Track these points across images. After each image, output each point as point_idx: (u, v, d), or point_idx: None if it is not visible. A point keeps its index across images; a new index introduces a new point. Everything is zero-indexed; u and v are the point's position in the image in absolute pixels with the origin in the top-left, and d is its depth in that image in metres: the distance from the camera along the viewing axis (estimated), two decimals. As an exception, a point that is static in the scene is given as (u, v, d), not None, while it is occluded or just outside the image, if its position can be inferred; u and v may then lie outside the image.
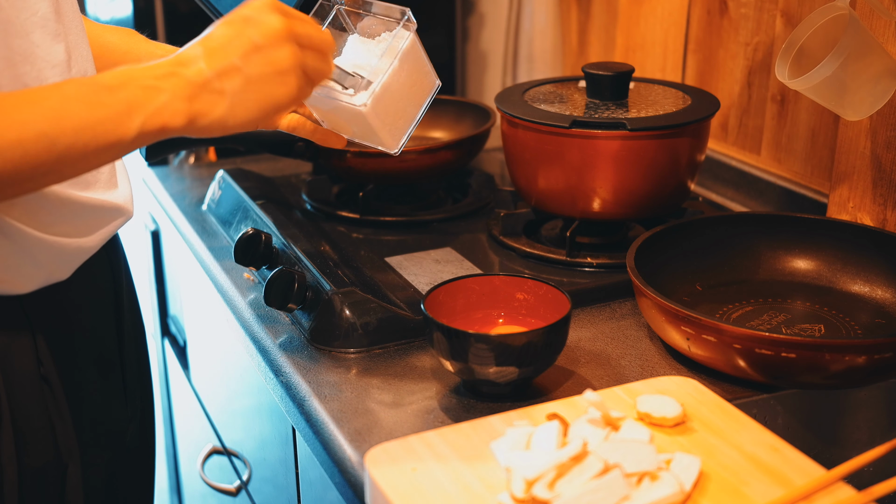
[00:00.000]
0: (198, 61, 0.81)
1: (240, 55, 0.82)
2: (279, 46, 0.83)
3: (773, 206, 1.42)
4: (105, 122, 0.78)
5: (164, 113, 0.80)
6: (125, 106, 0.79)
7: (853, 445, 1.01)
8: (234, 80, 0.82)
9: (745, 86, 1.46)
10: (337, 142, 1.10)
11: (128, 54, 1.11)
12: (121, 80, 0.80)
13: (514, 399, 0.98)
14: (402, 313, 1.09)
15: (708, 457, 0.81)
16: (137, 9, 1.83)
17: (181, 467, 1.87)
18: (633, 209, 1.25)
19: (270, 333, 1.12)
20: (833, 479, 0.78)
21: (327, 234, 1.34)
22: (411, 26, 1.01)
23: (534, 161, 1.25)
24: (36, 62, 0.88)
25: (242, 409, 1.36)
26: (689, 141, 1.23)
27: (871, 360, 0.94)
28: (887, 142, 1.19)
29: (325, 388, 1.01)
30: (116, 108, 0.78)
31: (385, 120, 1.01)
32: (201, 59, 0.82)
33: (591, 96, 1.30)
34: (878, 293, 1.14)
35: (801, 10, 1.34)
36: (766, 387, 0.99)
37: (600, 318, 1.15)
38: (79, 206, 0.94)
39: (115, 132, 0.78)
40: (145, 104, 0.79)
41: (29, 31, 0.88)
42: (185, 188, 1.58)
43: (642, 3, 1.62)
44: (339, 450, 0.93)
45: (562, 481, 0.76)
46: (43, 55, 0.89)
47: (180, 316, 1.69)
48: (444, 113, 1.62)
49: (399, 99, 1.02)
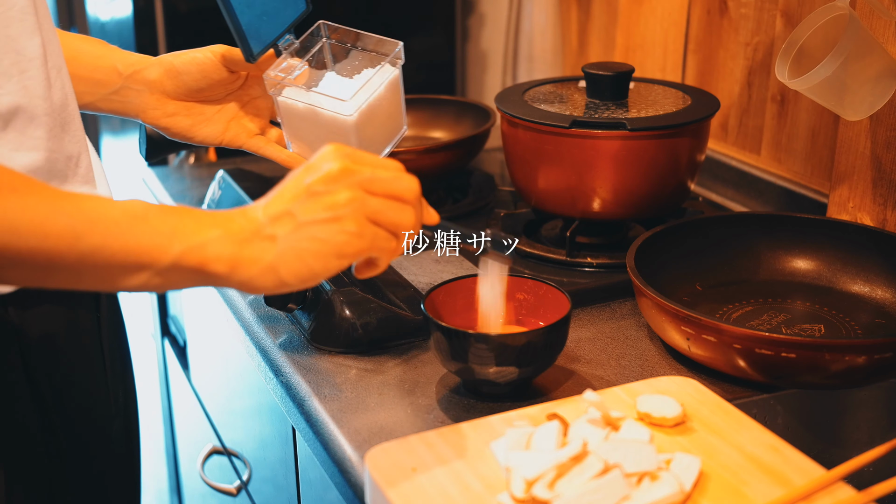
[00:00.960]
0: (255, 210, 0.78)
1: (293, 200, 0.77)
2: (335, 191, 0.77)
3: (773, 206, 1.42)
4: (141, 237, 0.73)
5: (207, 249, 0.75)
6: (169, 228, 0.74)
7: (853, 445, 1.01)
8: (285, 226, 0.76)
9: (745, 86, 1.46)
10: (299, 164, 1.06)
11: (100, 59, 1.09)
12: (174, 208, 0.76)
13: (514, 399, 0.98)
14: (402, 313, 1.09)
15: (708, 457, 0.81)
16: (137, 9, 1.83)
17: (181, 467, 1.87)
18: (633, 209, 1.25)
19: (270, 333, 1.12)
20: (833, 479, 0.78)
21: (327, 234, 1.33)
22: (398, 62, 1.01)
23: (534, 161, 1.25)
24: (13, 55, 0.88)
25: (242, 409, 1.36)
26: (689, 141, 1.23)
27: (871, 360, 0.94)
28: (887, 142, 1.19)
29: (325, 388, 1.01)
30: (160, 229, 0.74)
31: (363, 140, 1.01)
32: (259, 210, 0.77)
33: (591, 96, 1.30)
34: (878, 293, 1.14)
35: (801, 10, 1.34)
36: (766, 387, 0.99)
37: (600, 318, 1.15)
38: None
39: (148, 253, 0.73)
40: (191, 234, 0.74)
41: (6, 24, 0.88)
42: (185, 188, 1.58)
43: (642, 3, 1.62)
44: (339, 450, 0.93)
45: (562, 481, 0.76)
46: (20, 48, 0.89)
47: (180, 316, 1.69)
48: (444, 113, 1.62)
49: (375, 126, 1.02)
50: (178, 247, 0.74)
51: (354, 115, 0.98)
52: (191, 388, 1.65)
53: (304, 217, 0.76)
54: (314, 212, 0.77)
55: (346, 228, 0.77)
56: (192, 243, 0.74)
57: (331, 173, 0.77)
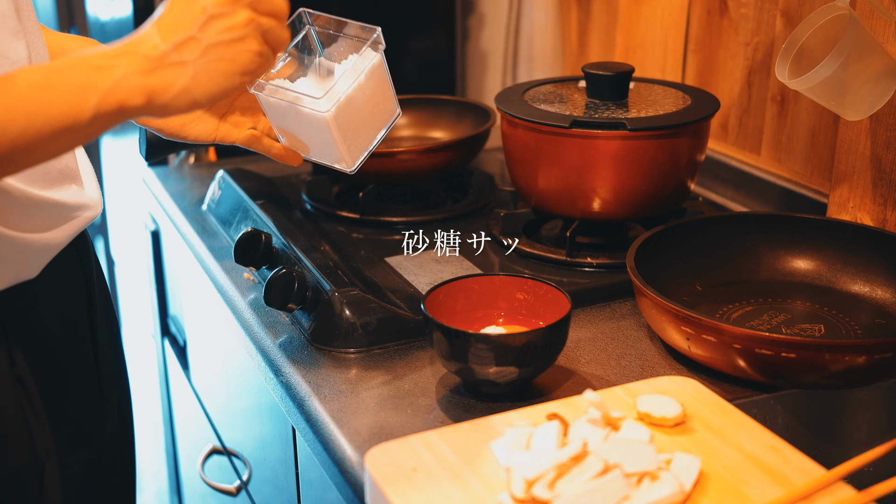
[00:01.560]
0: (152, 38, 0.80)
1: (195, 26, 0.80)
2: (234, 12, 0.81)
3: (773, 206, 1.42)
4: (57, 104, 0.76)
5: (119, 90, 0.77)
6: (77, 87, 0.76)
7: (853, 445, 1.01)
8: (192, 50, 0.80)
9: (745, 86, 1.46)
10: (293, 159, 1.07)
11: None
12: (71, 62, 0.78)
13: (514, 399, 0.98)
14: (402, 313, 1.09)
15: (708, 457, 0.81)
16: (137, 9, 1.83)
17: (181, 467, 1.87)
18: (633, 209, 1.25)
19: (270, 333, 1.12)
20: (833, 479, 0.78)
21: (327, 234, 1.34)
22: (380, 46, 1.01)
23: (534, 161, 1.25)
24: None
25: (242, 409, 1.36)
26: (689, 141, 1.23)
27: (871, 360, 0.94)
28: (887, 142, 1.19)
29: (325, 388, 1.01)
30: (68, 90, 0.76)
31: (346, 134, 1.00)
32: (156, 36, 0.80)
33: (591, 96, 1.30)
34: (878, 293, 1.14)
35: (801, 10, 1.34)
36: (766, 387, 0.99)
37: (600, 318, 1.15)
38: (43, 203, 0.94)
39: (68, 115, 0.76)
40: (98, 83, 0.77)
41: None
42: (185, 188, 1.58)
43: (642, 3, 1.62)
44: (339, 450, 0.93)
45: (562, 481, 0.76)
46: (3, 52, 0.89)
47: (180, 316, 1.69)
48: (444, 113, 1.62)
49: (361, 116, 1.01)
50: (94, 99, 0.77)
51: (332, 110, 0.97)
52: (191, 388, 1.65)
53: (209, 40, 0.81)
54: (218, 34, 0.81)
55: (249, 47, 0.82)
56: (103, 89, 0.77)
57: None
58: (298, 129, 1.02)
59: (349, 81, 0.99)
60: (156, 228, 1.71)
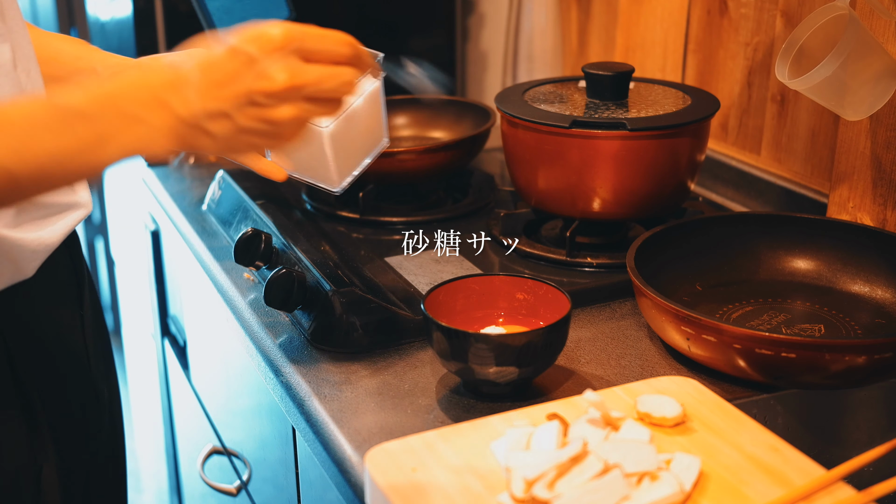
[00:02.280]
0: (189, 90, 0.75)
1: (233, 104, 0.75)
2: (278, 106, 0.76)
3: (773, 206, 1.42)
4: (74, 155, 0.73)
5: (140, 145, 0.75)
6: (98, 137, 0.73)
7: (853, 445, 1.01)
8: (223, 128, 0.76)
9: (745, 86, 1.46)
10: (278, 174, 1.06)
11: (79, 60, 1.08)
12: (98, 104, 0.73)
13: (514, 399, 0.98)
14: (402, 313, 1.09)
15: (708, 457, 0.81)
16: (137, 9, 1.83)
17: (181, 467, 1.87)
18: (633, 209, 1.25)
19: (270, 333, 1.12)
20: (833, 479, 0.78)
21: (327, 234, 1.34)
22: (379, 73, 1.00)
23: (534, 161, 1.25)
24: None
25: (242, 409, 1.36)
26: (689, 141, 1.23)
27: (871, 360, 0.94)
28: (887, 142, 1.19)
29: (325, 388, 1.01)
30: (88, 140, 0.73)
31: (339, 153, 1.00)
32: (193, 89, 0.75)
33: (591, 96, 1.30)
34: (878, 293, 1.14)
35: (801, 10, 1.34)
36: (766, 387, 0.99)
37: (600, 318, 1.15)
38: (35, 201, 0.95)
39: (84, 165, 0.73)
40: (122, 136, 0.73)
41: None
42: (185, 188, 1.58)
43: (642, 3, 1.62)
44: (339, 450, 0.93)
45: (562, 481, 0.76)
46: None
47: (180, 316, 1.69)
48: (444, 113, 1.62)
49: (355, 138, 1.01)
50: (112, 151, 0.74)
51: (331, 126, 0.97)
52: (191, 388, 1.65)
53: (242, 124, 0.76)
54: (253, 122, 0.76)
55: (282, 134, 0.78)
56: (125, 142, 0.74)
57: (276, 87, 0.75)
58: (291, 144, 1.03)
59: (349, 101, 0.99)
60: (156, 228, 1.71)
